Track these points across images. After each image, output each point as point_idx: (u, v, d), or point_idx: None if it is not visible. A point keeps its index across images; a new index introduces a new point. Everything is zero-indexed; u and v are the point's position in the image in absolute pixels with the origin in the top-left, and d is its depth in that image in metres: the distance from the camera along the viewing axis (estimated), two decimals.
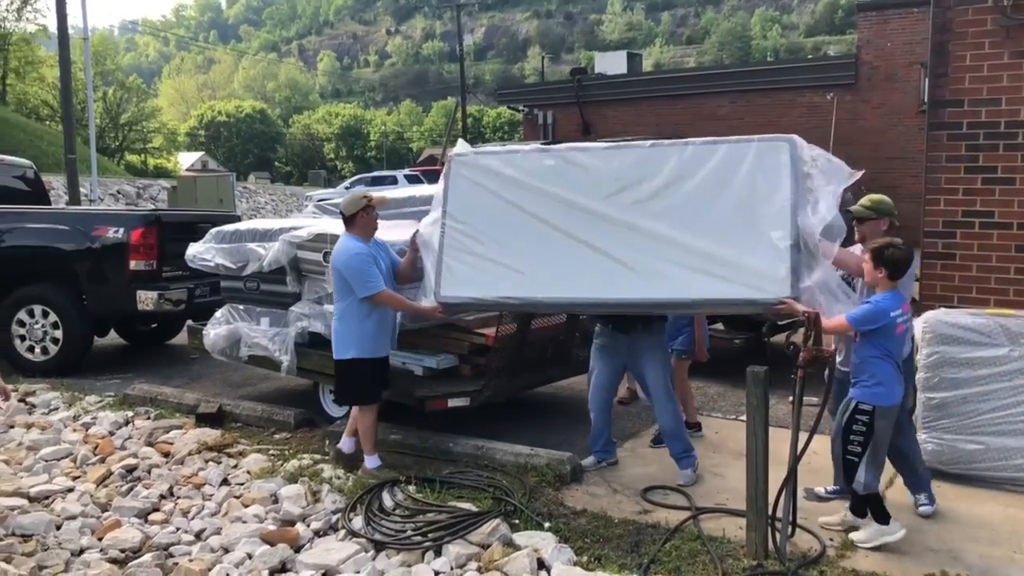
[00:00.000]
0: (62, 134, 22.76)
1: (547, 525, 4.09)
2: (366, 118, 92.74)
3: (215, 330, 6.28)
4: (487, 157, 4.75)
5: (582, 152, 4.50)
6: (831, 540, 3.95)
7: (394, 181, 25.57)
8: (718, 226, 4.02)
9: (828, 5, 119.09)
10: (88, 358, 7.94)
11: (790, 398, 4.63)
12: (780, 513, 3.84)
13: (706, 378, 6.80)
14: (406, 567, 3.78)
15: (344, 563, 3.80)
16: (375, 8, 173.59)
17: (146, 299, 7.30)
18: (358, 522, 4.17)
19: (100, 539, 4.18)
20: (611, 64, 22.37)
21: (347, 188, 27.23)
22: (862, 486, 3.86)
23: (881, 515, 3.90)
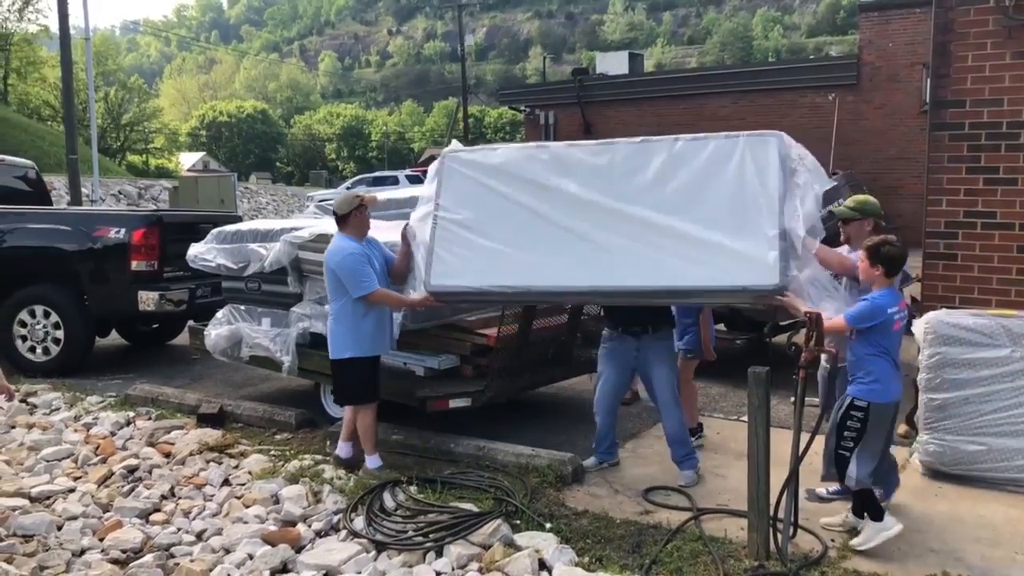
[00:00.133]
0: (63, 134, 22.83)
1: (548, 526, 4.09)
2: (367, 118, 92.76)
3: (216, 330, 6.28)
4: (479, 152, 4.82)
5: (574, 147, 4.57)
6: (832, 541, 3.95)
7: (395, 181, 25.61)
8: (708, 216, 4.06)
9: (830, 5, 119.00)
10: (89, 358, 7.96)
11: (792, 399, 4.63)
12: (782, 514, 3.84)
13: (708, 378, 6.79)
14: (407, 568, 3.78)
15: (345, 563, 3.80)
16: (376, 8, 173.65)
17: (147, 299, 7.31)
18: (359, 522, 4.18)
19: (101, 539, 4.19)
20: (613, 64, 22.39)
21: (348, 188, 27.25)
22: (854, 481, 3.85)
23: (875, 511, 3.88)
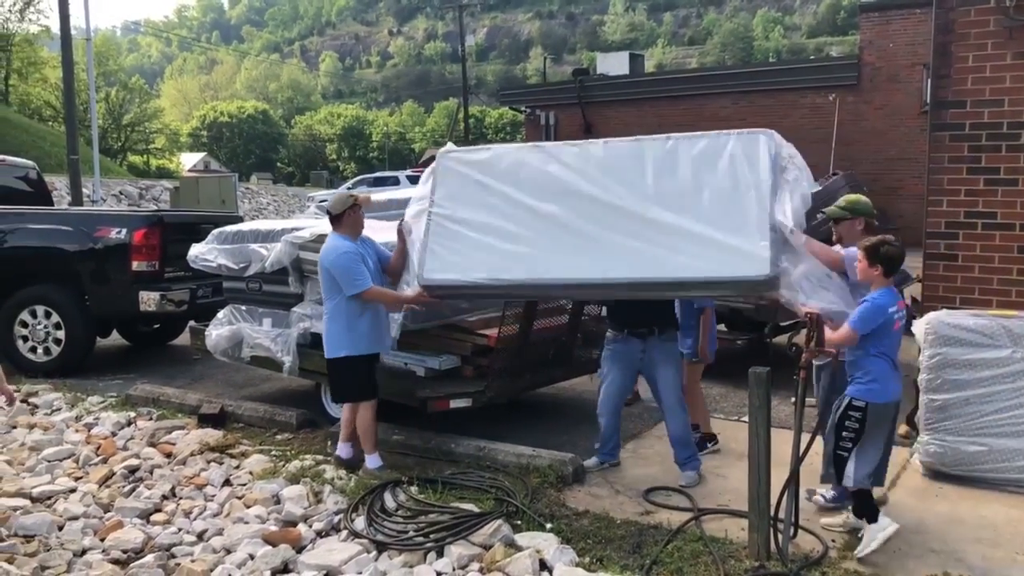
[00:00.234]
0: (65, 135, 22.83)
1: (549, 526, 4.09)
2: (368, 119, 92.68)
3: (217, 331, 6.28)
4: (475, 151, 4.88)
5: (568, 145, 4.63)
6: (833, 541, 3.95)
7: (396, 182, 25.63)
8: (700, 210, 4.10)
9: (830, 6, 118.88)
10: (90, 359, 7.96)
11: (792, 399, 4.63)
12: (782, 514, 3.84)
13: (708, 379, 6.75)
14: (408, 568, 3.78)
15: (346, 564, 3.81)
16: (377, 9, 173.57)
17: (148, 300, 7.32)
18: (360, 523, 4.18)
19: (102, 540, 4.19)
20: (613, 65, 22.42)
21: (349, 189, 27.25)
22: (852, 481, 3.85)
23: (871, 513, 3.86)
